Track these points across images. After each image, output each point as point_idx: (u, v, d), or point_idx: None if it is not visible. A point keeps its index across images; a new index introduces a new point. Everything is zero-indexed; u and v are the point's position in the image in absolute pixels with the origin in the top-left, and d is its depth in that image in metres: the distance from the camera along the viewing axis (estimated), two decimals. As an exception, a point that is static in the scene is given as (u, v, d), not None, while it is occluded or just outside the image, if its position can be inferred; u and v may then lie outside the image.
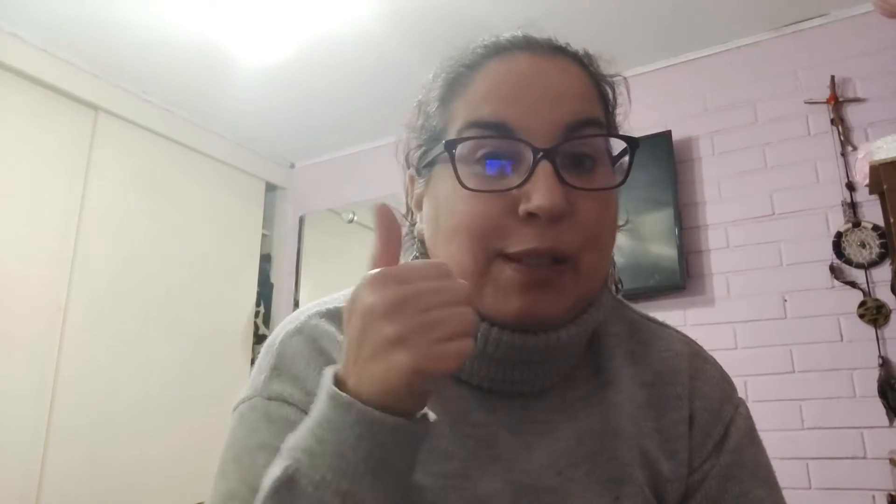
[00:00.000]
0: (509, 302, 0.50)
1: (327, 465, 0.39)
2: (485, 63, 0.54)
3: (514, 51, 0.54)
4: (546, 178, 0.48)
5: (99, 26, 2.32)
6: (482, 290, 0.50)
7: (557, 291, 0.50)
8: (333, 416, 0.40)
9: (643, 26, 2.36)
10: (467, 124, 0.51)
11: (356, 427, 0.39)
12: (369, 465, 0.39)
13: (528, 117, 0.50)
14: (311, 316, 0.57)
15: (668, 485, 0.54)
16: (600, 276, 0.54)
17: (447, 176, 0.52)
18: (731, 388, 0.60)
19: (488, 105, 0.51)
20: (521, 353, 0.52)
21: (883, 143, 1.82)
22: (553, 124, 0.50)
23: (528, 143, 0.49)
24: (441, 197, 0.53)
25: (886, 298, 2.00)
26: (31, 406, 2.23)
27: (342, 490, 0.39)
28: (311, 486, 0.39)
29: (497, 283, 0.50)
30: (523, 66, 0.53)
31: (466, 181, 0.50)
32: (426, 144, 0.57)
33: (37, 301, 2.30)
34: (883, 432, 1.91)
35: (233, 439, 0.52)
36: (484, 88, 0.52)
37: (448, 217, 0.52)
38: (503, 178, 0.50)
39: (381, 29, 2.33)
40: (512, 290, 0.49)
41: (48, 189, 2.40)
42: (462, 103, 0.53)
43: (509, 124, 0.50)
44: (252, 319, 3.14)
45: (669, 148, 2.38)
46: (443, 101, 0.56)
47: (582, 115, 0.51)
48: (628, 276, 2.39)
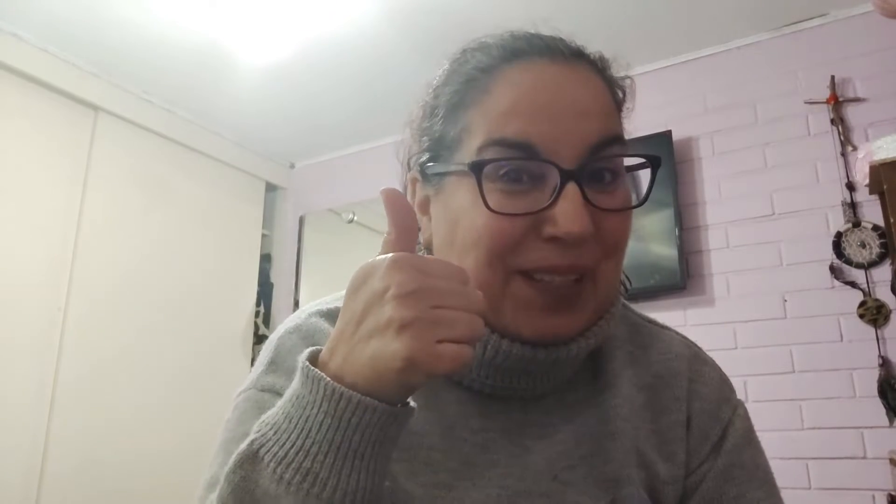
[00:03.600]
0: (530, 322, 0.49)
1: (291, 442, 0.38)
2: (502, 68, 0.52)
3: (533, 56, 0.52)
4: (573, 203, 0.47)
5: (99, 26, 2.32)
6: (501, 306, 0.50)
7: (579, 310, 0.50)
8: (302, 392, 0.39)
9: (643, 26, 2.36)
10: (490, 141, 0.49)
11: (323, 403, 0.38)
12: (333, 444, 0.38)
13: (555, 137, 0.48)
14: (311, 314, 0.57)
15: (665, 487, 0.54)
16: (616, 286, 0.54)
17: (465, 189, 0.50)
18: (730, 390, 0.60)
19: (512, 123, 0.49)
20: (529, 365, 0.52)
21: (883, 143, 1.82)
22: (579, 145, 0.49)
23: (555, 164, 0.48)
24: (458, 209, 0.52)
25: (886, 298, 1.99)
26: (30, 409, 2.23)
27: (304, 468, 0.38)
28: (274, 461, 0.38)
29: (517, 302, 0.49)
30: (546, 77, 0.51)
31: (489, 196, 0.48)
32: (434, 151, 0.55)
33: (36, 302, 2.30)
34: (883, 432, 1.91)
35: (225, 428, 0.53)
36: (505, 102, 0.50)
37: (466, 231, 0.50)
38: (527, 195, 0.49)
39: (382, 29, 2.33)
40: (532, 309, 0.49)
41: (48, 189, 2.40)
42: (480, 114, 0.51)
43: (535, 145, 0.48)
44: (252, 319, 3.14)
45: (669, 148, 2.38)
46: (455, 107, 0.54)
47: (606, 133, 0.50)
48: (628, 277, 2.38)
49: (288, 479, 0.38)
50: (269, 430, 0.40)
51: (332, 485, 0.38)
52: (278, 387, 0.52)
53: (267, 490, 0.38)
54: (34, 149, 2.37)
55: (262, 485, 0.39)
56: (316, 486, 0.37)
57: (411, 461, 0.51)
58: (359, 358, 0.38)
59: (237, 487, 0.39)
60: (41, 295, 2.32)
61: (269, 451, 0.39)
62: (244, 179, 3.24)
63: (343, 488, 0.38)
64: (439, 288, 0.38)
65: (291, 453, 0.38)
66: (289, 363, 0.53)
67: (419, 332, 0.37)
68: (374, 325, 0.38)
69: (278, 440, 0.39)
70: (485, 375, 0.53)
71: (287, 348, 0.55)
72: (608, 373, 0.57)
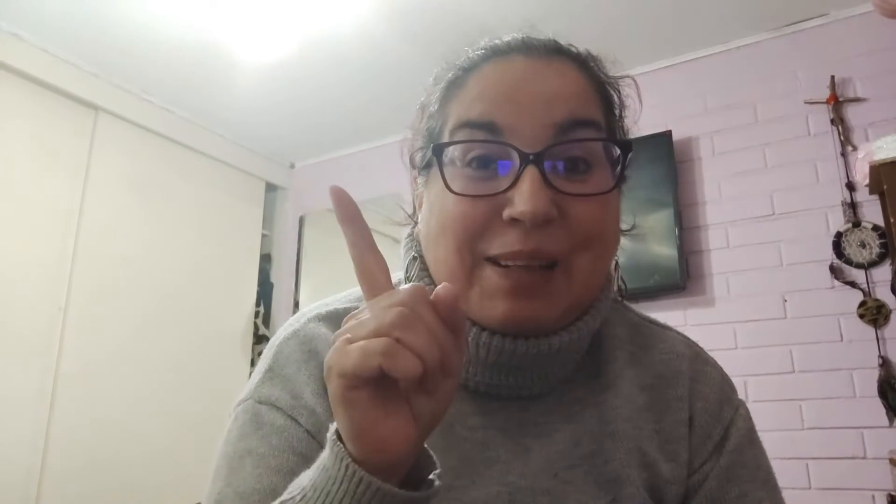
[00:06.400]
0: (495, 307, 0.49)
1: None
2: (481, 65, 0.54)
3: (511, 53, 0.54)
4: (531, 184, 0.47)
5: (99, 26, 2.32)
6: (469, 293, 0.50)
7: (546, 297, 0.49)
8: (328, 465, 0.39)
9: (643, 26, 2.36)
10: (458, 124, 0.52)
11: (343, 482, 0.38)
12: None
13: (518, 119, 0.49)
14: (310, 319, 0.57)
15: (667, 486, 0.54)
16: (595, 280, 0.53)
17: (439, 177, 0.51)
18: (732, 390, 0.60)
19: (478, 105, 0.51)
20: (512, 359, 0.52)
21: (883, 143, 1.82)
22: (542, 127, 0.49)
23: (516, 148, 0.48)
24: (434, 198, 0.54)
25: (886, 298, 2.00)
26: (31, 406, 2.23)
27: None
28: None
29: (483, 288, 0.50)
30: (518, 68, 0.52)
31: (454, 183, 0.50)
32: (425, 146, 0.57)
33: (37, 301, 2.30)
34: (883, 432, 1.91)
35: (226, 440, 0.53)
36: (476, 89, 0.52)
37: (436, 218, 0.52)
38: (492, 181, 0.50)
39: (382, 28, 2.33)
40: (497, 295, 0.49)
41: (48, 189, 2.40)
42: (455, 104, 0.54)
43: (498, 124, 0.49)
44: (252, 319, 3.14)
45: (669, 148, 2.39)
46: (440, 102, 0.56)
47: (574, 115, 0.50)
48: (628, 276, 2.37)
49: None
50: (298, 494, 0.40)
51: None
52: (274, 398, 0.52)
53: None
54: (34, 149, 2.37)
55: None
56: None
57: None
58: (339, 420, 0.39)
59: None
60: (41, 294, 2.32)
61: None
62: (244, 179, 3.24)
63: None
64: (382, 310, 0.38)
65: None
66: (286, 371, 0.54)
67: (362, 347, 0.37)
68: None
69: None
70: (474, 373, 0.53)
71: (285, 356, 0.55)
72: (609, 373, 0.57)
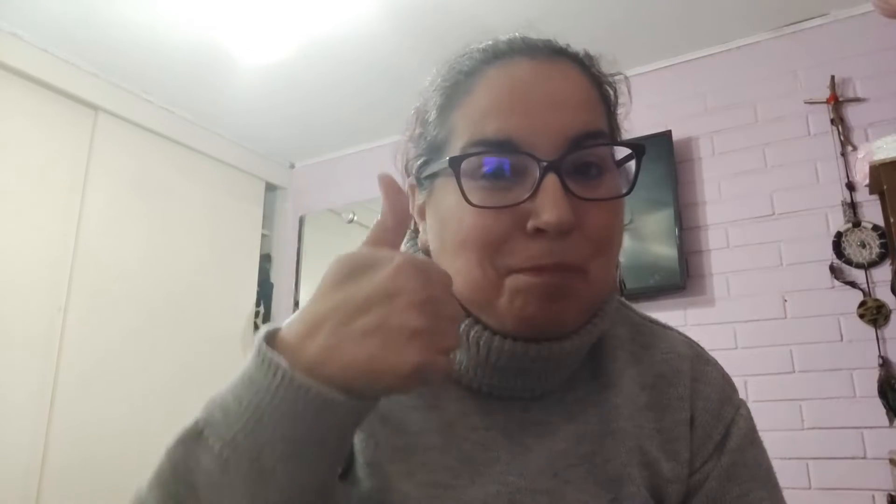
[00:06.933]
0: (527, 304, 0.49)
1: (240, 425, 0.37)
2: (484, 70, 0.53)
3: (514, 56, 0.53)
4: (553, 193, 0.47)
5: (99, 26, 2.32)
6: (495, 302, 0.50)
7: (573, 298, 0.50)
8: (257, 376, 0.37)
9: (643, 26, 2.36)
10: (472, 142, 0.50)
11: (279, 390, 0.36)
12: (288, 435, 0.36)
13: (532, 129, 0.49)
14: None
15: (668, 486, 0.54)
16: (608, 283, 0.54)
17: (452, 189, 0.50)
18: (732, 390, 0.60)
19: (492, 122, 0.50)
20: (522, 362, 0.52)
21: (883, 143, 1.82)
22: (557, 135, 0.49)
23: (533, 156, 0.48)
24: (446, 210, 0.52)
25: (886, 298, 2.00)
26: (31, 407, 2.23)
27: (252, 454, 0.36)
28: (220, 442, 0.37)
29: (512, 290, 0.49)
30: (524, 73, 0.51)
31: (471, 195, 0.49)
32: (426, 155, 0.56)
33: (37, 301, 2.30)
34: (883, 432, 1.91)
35: None
36: (485, 101, 0.51)
37: (454, 232, 0.51)
38: (509, 191, 0.49)
39: (382, 29, 2.33)
40: (531, 293, 0.49)
41: (48, 189, 2.40)
42: (463, 116, 0.52)
43: (514, 140, 0.49)
44: (252, 319, 3.14)
45: (669, 148, 2.38)
46: (442, 110, 0.55)
47: (587, 126, 0.50)
48: (628, 276, 2.39)
49: (234, 463, 0.37)
50: (218, 412, 0.39)
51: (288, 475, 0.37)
52: None
53: (209, 469, 0.37)
54: (34, 149, 2.37)
55: (204, 463, 0.38)
56: (265, 473, 0.36)
57: (408, 461, 0.51)
58: (350, 353, 0.36)
59: (177, 462, 0.39)
60: (41, 294, 2.32)
61: (214, 433, 0.38)
62: (244, 179, 3.24)
63: (297, 479, 0.37)
64: (440, 298, 0.39)
65: (240, 437, 0.37)
66: None
67: (428, 341, 0.37)
68: (376, 325, 0.37)
69: (227, 422, 0.38)
70: (482, 375, 0.53)
71: None
72: (611, 372, 0.57)
